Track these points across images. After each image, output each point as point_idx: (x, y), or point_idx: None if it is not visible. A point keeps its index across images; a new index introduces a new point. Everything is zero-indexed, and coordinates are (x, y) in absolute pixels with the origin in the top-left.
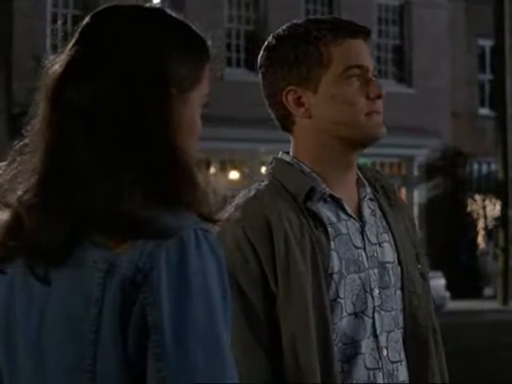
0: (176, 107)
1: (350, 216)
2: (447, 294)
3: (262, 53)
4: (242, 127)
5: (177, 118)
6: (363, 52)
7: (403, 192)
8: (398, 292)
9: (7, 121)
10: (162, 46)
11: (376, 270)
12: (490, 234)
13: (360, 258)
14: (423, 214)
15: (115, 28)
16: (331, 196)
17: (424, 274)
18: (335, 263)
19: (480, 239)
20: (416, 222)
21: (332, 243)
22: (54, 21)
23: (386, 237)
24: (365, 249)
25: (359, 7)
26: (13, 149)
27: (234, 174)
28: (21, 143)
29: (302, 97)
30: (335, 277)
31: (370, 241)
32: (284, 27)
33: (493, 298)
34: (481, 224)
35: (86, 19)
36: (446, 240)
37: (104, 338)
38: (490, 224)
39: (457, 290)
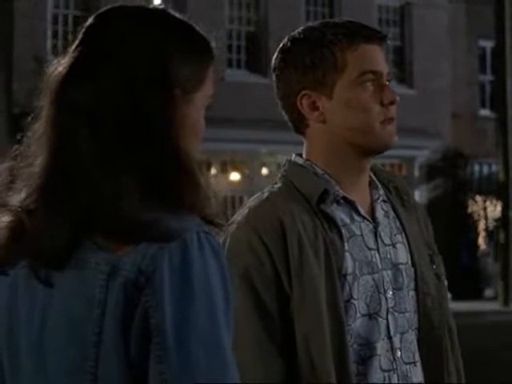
0: (179, 108)
1: (364, 217)
2: (448, 295)
3: (276, 55)
4: (243, 128)
5: (180, 119)
6: (378, 57)
7: None
8: (412, 293)
9: (7, 121)
10: (166, 47)
11: (390, 272)
12: (490, 235)
13: (373, 260)
14: None
15: (118, 29)
16: (344, 198)
17: (439, 274)
18: (349, 264)
19: (481, 240)
20: None
21: (346, 244)
22: (55, 21)
23: (400, 238)
24: (378, 250)
25: (360, 8)
26: (14, 150)
27: (234, 175)
28: (23, 145)
29: (316, 101)
30: (349, 278)
31: (383, 242)
32: (300, 30)
33: (493, 299)
34: (481, 225)
35: (90, 20)
36: (447, 241)
37: (106, 340)
38: (491, 225)
39: (457, 291)
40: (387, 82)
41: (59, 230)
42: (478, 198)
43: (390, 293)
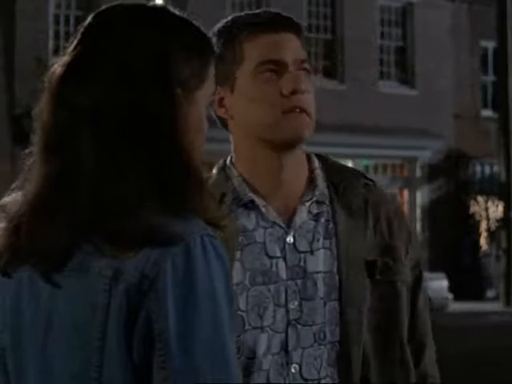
0: (181, 107)
1: (274, 222)
2: (450, 296)
3: None
4: None
5: (182, 118)
6: (281, 46)
7: (406, 194)
8: (333, 304)
9: (9, 122)
10: (166, 46)
11: (299, 281)
12: (492, 236)
13: (273, 269)
14: (426, 216)
15: (118, 28)
16: (252, 201)
17: (393, 282)
18: (236, 274)
19: (482, 241)
20: (419, 223)
21: (238, 253)
22: (57, 22)
23: (327, 243)
24: (285, 258)
25: (362, 9)
26: (21, 155)
27: None
28: (26, 147)
29: (224, 97)
30: (236, 288)
31: (296, 249)
32: (222, 22)
33: (495, 299)
34: (483, 225)
35: (88, 19)
36: (449, 241)
37: (110, 345)
38: (493, 225)
39: (459, 291)
40: (299, 71)
41: (61, 232)
42: (480, 199)
43: (296, 303)
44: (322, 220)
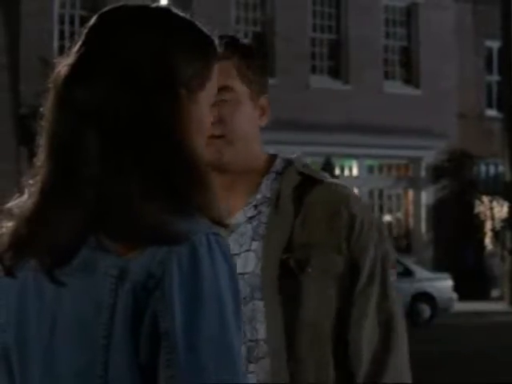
0: (185, 108)
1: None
2: (454, 296)
3: None
4: None
5: (186, 118)
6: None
7: (411, 194)
8: (256, 303)
9: (14, 122)
10: (169, 47)
11: None
12: (497, 236)
13: None
14: (431, 216)
15: (121, 29)
16: None
17: (295, 277)
18: None
19: (487, 241)
20: (423, 223)
21: None
22: (61, 22)
23: (254, 245)
24: None
25: (366, 9)
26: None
27: None
28: (32, 147)
29: None
30: None
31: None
32: None
33: (500, 299)
34: (488, 225)
35: (92, 20)
36: (453, 241)
37: (115, 344)
38: (498, 225)
39: (464, 291)
40: (218, 101)
41: (66, 231)
42: (485, 199)
43: None
44: (255, 223)
